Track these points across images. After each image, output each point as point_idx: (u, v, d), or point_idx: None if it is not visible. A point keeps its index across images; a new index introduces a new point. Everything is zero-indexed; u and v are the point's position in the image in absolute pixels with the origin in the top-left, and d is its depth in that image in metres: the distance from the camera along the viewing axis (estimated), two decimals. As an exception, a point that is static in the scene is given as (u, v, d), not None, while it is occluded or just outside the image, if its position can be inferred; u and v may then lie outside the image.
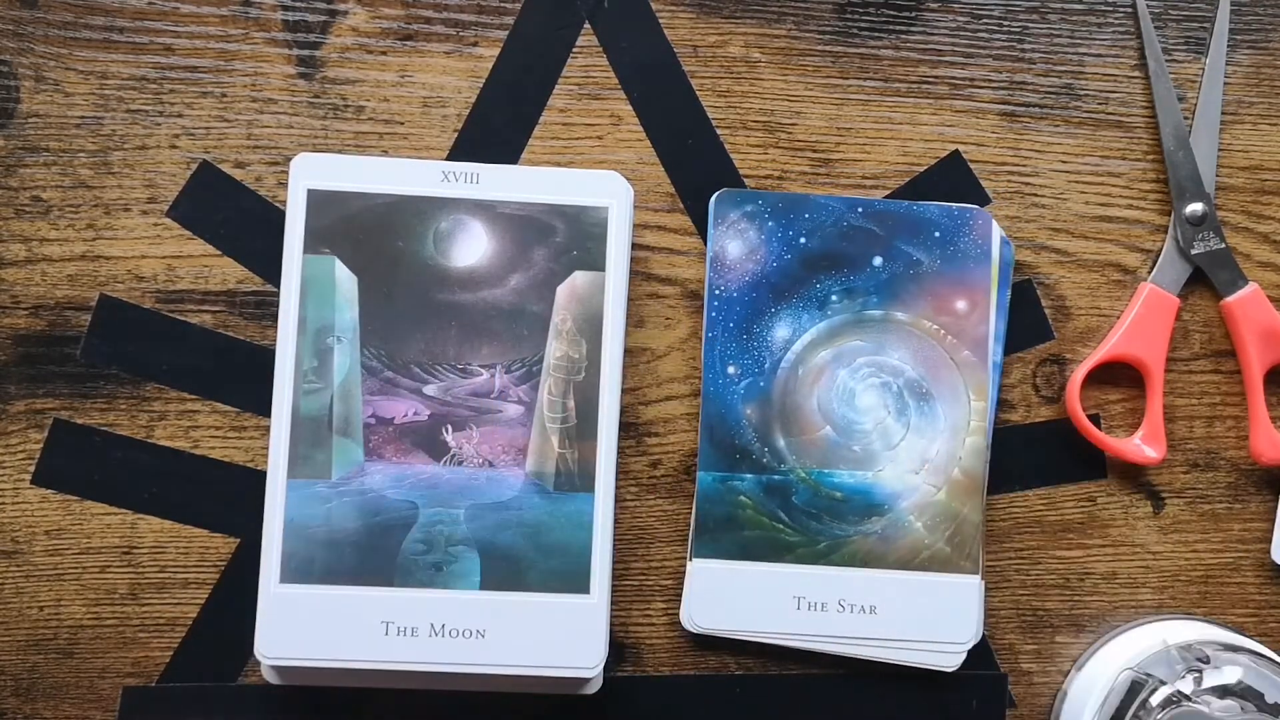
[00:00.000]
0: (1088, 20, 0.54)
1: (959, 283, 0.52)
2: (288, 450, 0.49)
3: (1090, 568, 0.53)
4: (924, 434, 0.52)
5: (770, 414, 0.52)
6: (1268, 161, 0.54)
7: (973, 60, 0.54)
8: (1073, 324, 0.54)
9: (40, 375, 0.51)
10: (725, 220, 0.52)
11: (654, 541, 0.52)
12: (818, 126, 0.54)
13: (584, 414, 0.50)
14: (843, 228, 0.52)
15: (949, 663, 0.52)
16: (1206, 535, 0.54)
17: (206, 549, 0.52)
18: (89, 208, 0.52)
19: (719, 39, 0.53)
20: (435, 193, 0.50)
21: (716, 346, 0.52)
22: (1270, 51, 0.55)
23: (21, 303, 0.52)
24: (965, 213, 0.52)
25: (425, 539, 0.49)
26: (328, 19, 0.53)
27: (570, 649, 0.49)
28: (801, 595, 0.51)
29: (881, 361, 0.52)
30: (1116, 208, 0.54)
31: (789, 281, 0.52)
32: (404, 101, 0.53)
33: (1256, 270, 0.54)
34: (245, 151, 0.52)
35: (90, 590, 0.51)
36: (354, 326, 0.50)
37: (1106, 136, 0.54)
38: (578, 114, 0.53)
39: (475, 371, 0.50)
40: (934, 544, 0.51)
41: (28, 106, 0.52)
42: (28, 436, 0.51)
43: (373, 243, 0.50)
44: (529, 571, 0.49)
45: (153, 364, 0.52)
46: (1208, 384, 0.54)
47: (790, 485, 0.51)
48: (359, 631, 0.48)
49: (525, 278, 0.50)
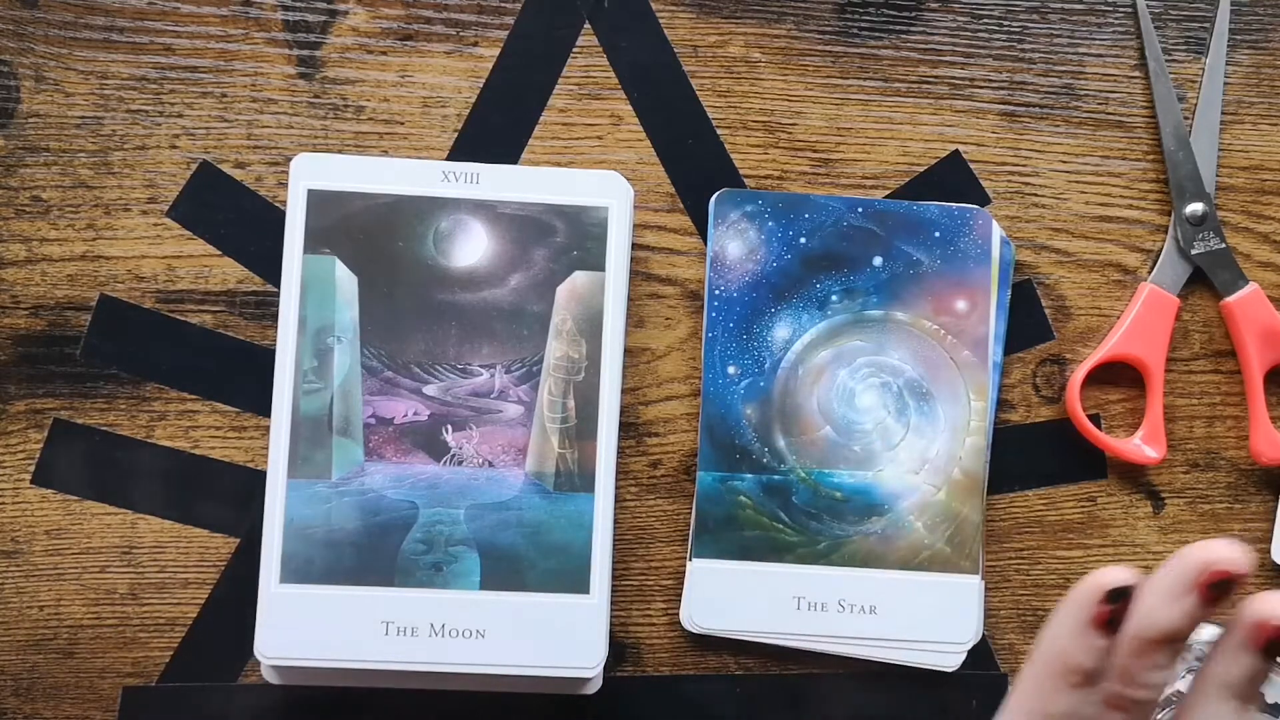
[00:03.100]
0: (1088, 20, 0.54)
1: (959, 283, 0.52)
2: (288, 450, 0.49)
3: (1090, 568, 0.53)
4: (924, 434, 0.52)
5: (770, 414, 0.52)
6: (1268, 161, 0.54)
7: (973, 60, 0.54)
8: (1073, 324, 0.54)
9: (40, 375, 0.51)
10: (725, 220, 0.52)
11: (654, 541, 0.52)
12: (818, 126, 0.54)
13: (584, 414, 0.50)
14: (843, 228, 0.52)
15: (949, 663, 0.52)
16: (1206, 535, 0.54)
17: (206, 549, 0.52)
18: (89, 208, 0.52)
19: (719, 39, 0.53)
20: (435, 193, 0.50)
21: (716, 346, 0.52)
22: (1270, 51, 0.55)
23: (21, 303, 0.52)
24: (965, 213, 0.52)
25: (425, 539, 0.49)
26: (328, 19, 0.53)
27: (570, 649, 0.49)
28: (801, 595, 0.51)
29: (881, 361, 0.52)
30: (1116, 208, 0.54)
31: (789, 281, 0.52)
32: (404, 101, 0.53)
33: (1256, 270, 0.54)
34: (245, 151, 0.52)
35: (90, 590, 0.51)
36: (354, 326, 0.50)
37: (1106, 136, 0.54)
38: (578, 114, 0.53)
39: (475, 371, 0.50)
40: (934, 544, 0.51)
41: (28, 106, 0.52)
42: (28, 436, 0.51)
43: (373, 243, 0.50)
44: (529, 571, 0.49)
45: (153, 364, 0.52)
46: (1208, 384, 0.54)
47: (790, 485, 0.51)
48: (359, 631, 0.48)
49: (525, 278, 0.50)
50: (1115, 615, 0.32)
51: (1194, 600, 0.32)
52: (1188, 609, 0.32)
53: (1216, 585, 0.31)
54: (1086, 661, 0.33)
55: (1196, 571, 0.32)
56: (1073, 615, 0.33)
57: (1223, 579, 0.31)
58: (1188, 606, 0.32)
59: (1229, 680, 0.33)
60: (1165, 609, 0.32)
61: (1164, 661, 0.32)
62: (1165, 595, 0.32)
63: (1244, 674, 0.33)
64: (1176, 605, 0.32)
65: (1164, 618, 0.32)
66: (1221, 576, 0.31)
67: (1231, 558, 0.31)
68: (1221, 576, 0.31)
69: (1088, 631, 0.33)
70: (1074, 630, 0.33)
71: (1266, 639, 0.32)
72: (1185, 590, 0.32)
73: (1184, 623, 0.32)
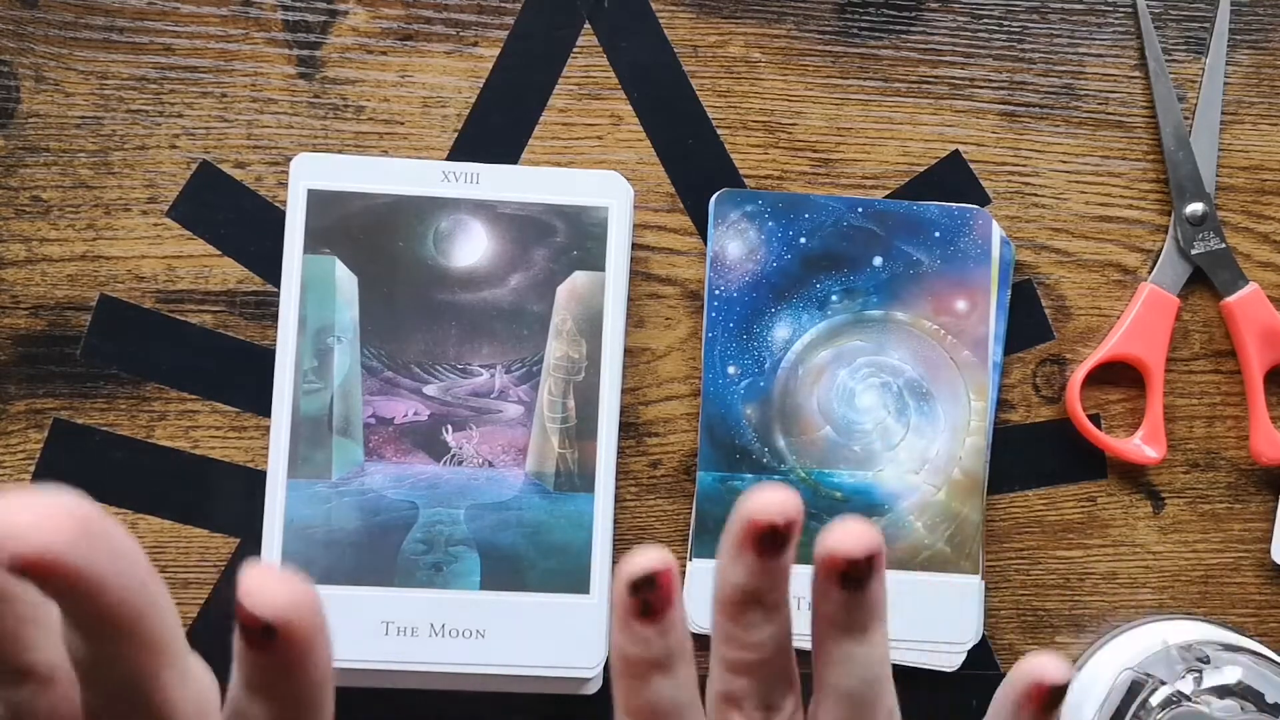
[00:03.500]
0: (1088, 20, 0.54)
1: (959, 283, 0.52)
2: (288, 450, 0.49)
3: (1090, 568, 0.53)
4: (924, 434, 0.52)
5: (770, 414, 0.52)
6: (1268, 161, 0.54)
7: (973, 60, 0.54)
8: (1073, 324, 0.54)
9: (40, 375, 0.51)
10: (725, 220, 0.52)
11: (654, 541, 0.52)
12: (818, 126, 0.54)
13: (584, 414, 0.50)
14: (843, 228, 0.52)
15: (949, 663, 0.52)
16: (1206, 535, 0.54)
17: (206, 549, 0.52)
18: (89, 208, 0.52)
19: (719, 39, 0.53)
20: (435, 193, 0.50)
21: (716, 346, 0.52)
22: (1270, 51, 0.55)
23: (21, 303, 0.52)
24: (965, 213, 0.52)
25: (425, 539, 0.49)
26: (328, 19, 0.53)
27: (570, 649, 0.49)
28: (802, 596, 0.51)
29: (881, 361, 0.52)
30: (1116, 208, 0.54)
31: (789, 281, 0.52)
32: (404, 101, 0.53)
33: (1256, 270, 0.54)
34: (245, 151, 0.52)
35: (90, 590, 0.51)
36: (354, 326, 0.50)
37: (1106, 136, 0.54)
38: (578, 114, 0.53)
39: (475, 371, 0.50)
40: (934, 544, 0.51)
41: (28, 106, 0.52)
42: (28, 436, 0.51)
43: (373, 243, 0.50)
44: (529, 571, 0.49)
45: (153, 364, 0.52)
46: (1208, 384, 0.54)
47: (790, 485, 0.51)
48: (359, 631, 0.48)
49: (525, 278, 0.50)
50: (650, 600, 0.31)
51: (751, 556, 0.31)
52: (749, 565, 0.31)
53: (765, 537, 0.31)
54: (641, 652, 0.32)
55: (742, 528, 0.31)
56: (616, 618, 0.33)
57: (768, 530, 0.31)
58: (749, 563, 0.31)
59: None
60: (730, 569, 0.32)
61: (758, 619, 0.32)
62: (726, 557, 0.32)
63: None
64: (739, 563, 0.32)
65: (733, 576, 0.32)
66: (765, 528, 0.31)
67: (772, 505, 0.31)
68: (765, 528, 0.31)
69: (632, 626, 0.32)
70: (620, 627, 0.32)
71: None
72: (739, 549, 0.31)
73: (752, 578, 0.31)
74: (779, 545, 0.31)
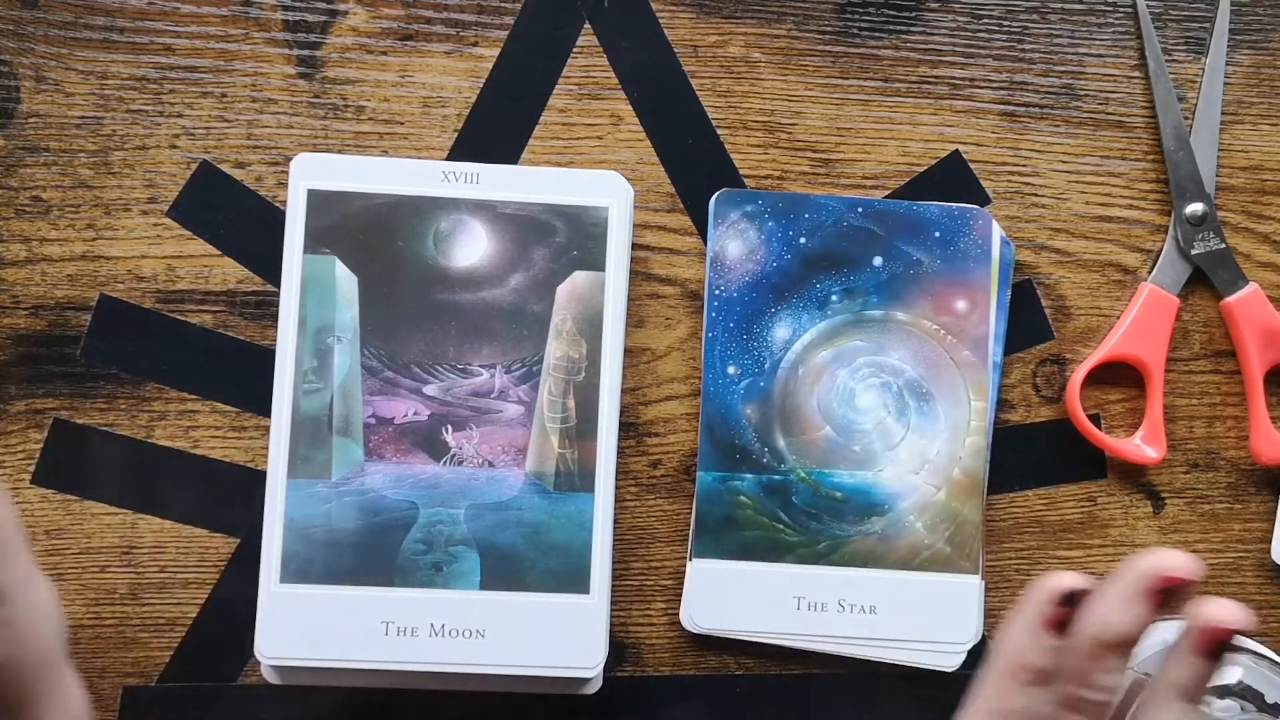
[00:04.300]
0: (1088, 20, 0.54)
1: (959, 283, 0.52)
2: (288, 450, 0.49)
3: (1090, 568, 0.53)
4: (924, 434, 0.52)
5: (770, 414, 0.52)
6: (1268, 161, 0.54)
7: (973, 60, 0.54)
8: (1073, 324, 0.54)
9: (40, 375, 0.51)
10: (725, 220, 0.52)
11: (654, 541, 0.52)
12: (818, 126, 0.54)
13: (584, 414, 0.50)
14: (843, 228, 0.52)
15: (949, 663, 0.52)
16: (1206, 535, 0.54)
17: (206, 549, 0.52)
18: (89, 208, 0.52)
19: (719, 39, 0.53)
20: (435, 193, 0.50)
21: (716, 346, 0.52)
22: (1270, 51, 0.55)
23: (21, 303, 0.52)
24: (965, 213, 0.52)
25: (425, 539, 0.49)
26: (328, 19, 0.53)
27: (570, 649, 0.49)
28: (801, 595, 0.51)
29: (881, 361, 0.52)
30: (1116, 208, 0.54)
31: (789, 281, 0.52)
32: (404, 101, 0.53)
33: (1256, 270, 0.54)
34: (245, 151, 0.52)
35: (90, 590, 0.51)
36: (354, 326, 0.50)
37: (1106, 136, 0.54)
38: (578, 114, 0.53)
39: (475, 371, 0.50)
40: (934, 544, 0.51)
41: (28, 106, 0.52)
42: (28, 436, 0.51)
43: (373, 243, 0.50)
44: (529, 571, 0.49)
45: (153, 364, 0.52)
46: (1208, 384, 0.54)
47: (790, 485, 0.51)
48: (359, 631, 0.48)
49: (525, 278, 0.50)
50: (1066, 617, 0.34)
51: (1144, 606, 0.34)
52: (1138, 614, 0.34)
53: (1166, 592, 0.33)
54: (1039, 660, 0.35)
55: (1147, 579, 0.33)
56: (1028, 617, 0.35)
57: (1172, 586, 0.33)
58: (1138, 612, 0.33)
59: (1179, 683, 0.35)
60: (1118, 614, 0.34)
61: (1115, 665, 0.35)
62: (1118, 601, 0.34)
63: (1192, 676, 0.34)
64: (1128, 610, 0.34)
65: (1116, 622, 0.34)
66: (1171, 584, 0.33)
67: (1181, 566, 0.33)
68: (1171, 584, 0.33)
69: (1041, 632, 0.34)
70: (1028, 631, 0.35)
71: (1213, 643, 0.33)
72: (1136, 596, 0.33)
73: (1134, 627, 0.34)
74: (1173, 601, 0.34)
